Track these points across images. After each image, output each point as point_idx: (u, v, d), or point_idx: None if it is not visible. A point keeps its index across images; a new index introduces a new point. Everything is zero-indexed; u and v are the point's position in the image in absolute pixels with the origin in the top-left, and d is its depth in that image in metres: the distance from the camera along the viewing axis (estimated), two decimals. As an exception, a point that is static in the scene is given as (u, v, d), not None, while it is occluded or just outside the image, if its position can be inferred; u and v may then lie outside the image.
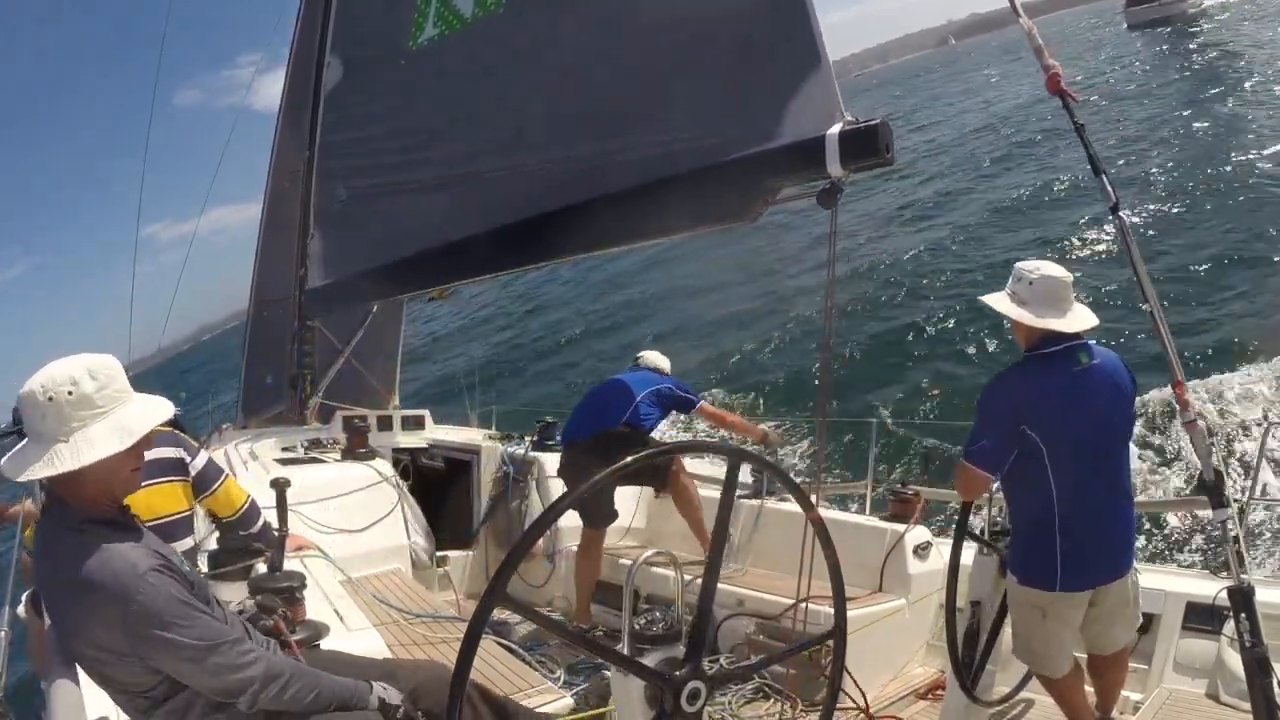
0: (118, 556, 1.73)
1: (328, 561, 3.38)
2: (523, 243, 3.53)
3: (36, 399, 1.73)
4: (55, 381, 1.74)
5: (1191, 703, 2.90)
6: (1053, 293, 2.60)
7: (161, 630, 1.69)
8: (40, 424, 1.74)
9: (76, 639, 1.77)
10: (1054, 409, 2.56)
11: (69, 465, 1.72)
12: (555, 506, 1.73)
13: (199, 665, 1.73)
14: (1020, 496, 2.72)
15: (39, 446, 1.74)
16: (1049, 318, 2.59)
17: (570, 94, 3.44)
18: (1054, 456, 2.54)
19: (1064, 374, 2.59)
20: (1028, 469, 2.58)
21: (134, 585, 1.69)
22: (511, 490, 5.22)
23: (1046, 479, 2.56)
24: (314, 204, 5.15)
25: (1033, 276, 2.62)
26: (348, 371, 6.05)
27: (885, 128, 2.38)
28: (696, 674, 1.78)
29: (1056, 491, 2.56)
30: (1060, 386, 2.58)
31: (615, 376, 4.44)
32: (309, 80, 5.35)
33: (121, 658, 1.73)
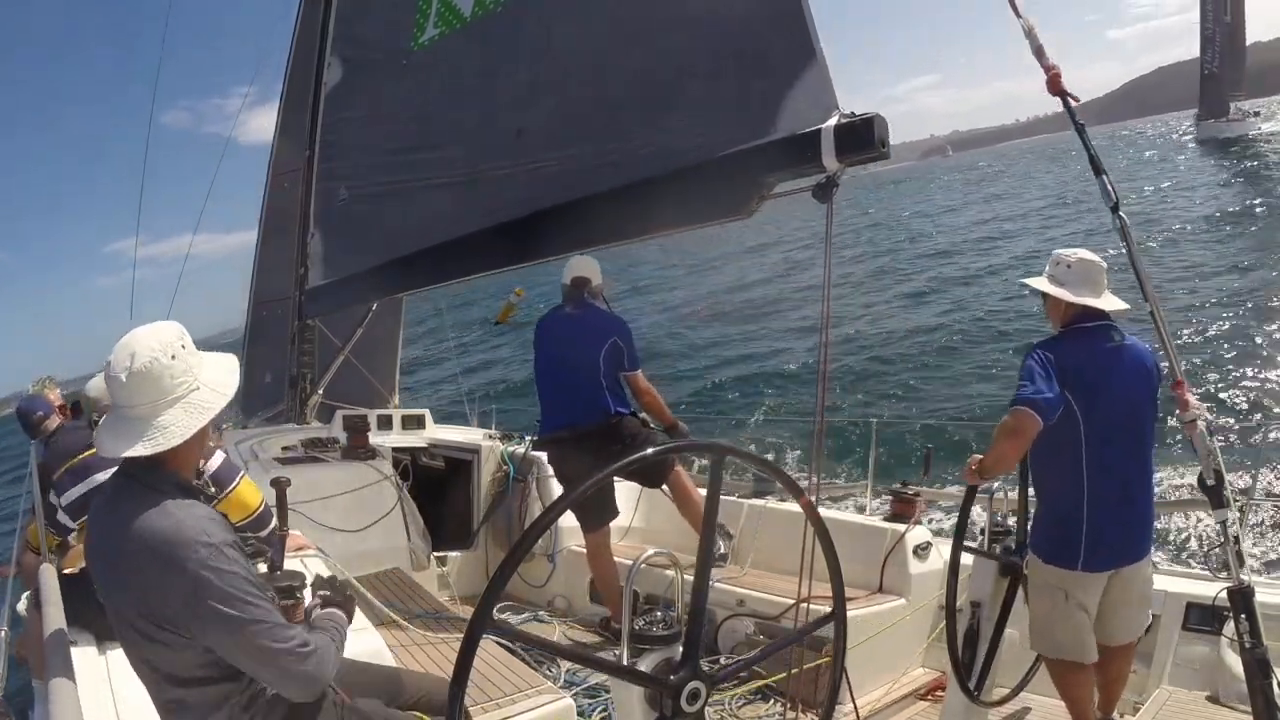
0: (195, 524, 1.68)
1: (328, 561, 3.38)
2: (521, 240, 3.53)
3: (157, 365, 1.70)
4: (158, 348, 1.72)
5: (1191, 703, 2.90)
6: (1089, 275, 2.78)
7: (224, 605, 1.62)
8: (155, 391, 1.70)
9: (131, 606, 1.69)
10: (1094, 378, 2.65)
11: (201, 419, 1.73)
12: (554, 507, 1.73)
13: (260, 645, 1.66)
14: (1050, 470, 2.78)
15: (158, 412, 1.71)
16: (1086, 296, 2.76)
17: (567, 92, 3.44)
18: (1089, 428, 2.63)
19: (1101, 347, 2.72)
20: (1061, 441, 2.64)
21: (207, 555, 1.63)
22: (511, 490, 5.22)
23: (1079, 452, 2.63)
24: (314, 203, 5.15)
25: (1071, 259, 2.81)
26: (347, 371, 6.05)
27: (880, 121, 2.37)
28: (695, 674, 1.78)
29: (1088, 467, 2.63)
30: (1100, 357, 2.69)
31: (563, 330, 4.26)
32: (308, 80, 5.36)
33: (172, 632, 1.66)
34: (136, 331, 1.75)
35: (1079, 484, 2.64)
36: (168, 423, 1.71)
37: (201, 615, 1.62)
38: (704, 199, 2.81)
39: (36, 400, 4.11)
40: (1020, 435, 2.61)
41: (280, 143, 7.06)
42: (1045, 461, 2.79)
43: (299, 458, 4.49)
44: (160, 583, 1.63)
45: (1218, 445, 2.26)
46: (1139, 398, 2.74)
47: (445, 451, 5.57)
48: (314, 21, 5.68)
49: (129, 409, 1.72)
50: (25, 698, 3.88)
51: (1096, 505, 2.64)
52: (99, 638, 2.80)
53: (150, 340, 1.72)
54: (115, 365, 1.71)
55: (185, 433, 1.71)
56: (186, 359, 1.75)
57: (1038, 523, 2.85)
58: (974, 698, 2.81)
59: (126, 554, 1.67)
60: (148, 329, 1.76)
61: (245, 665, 1.70)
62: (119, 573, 1.70)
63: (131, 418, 1.72)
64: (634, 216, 3.08)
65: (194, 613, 1.63)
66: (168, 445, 1.70)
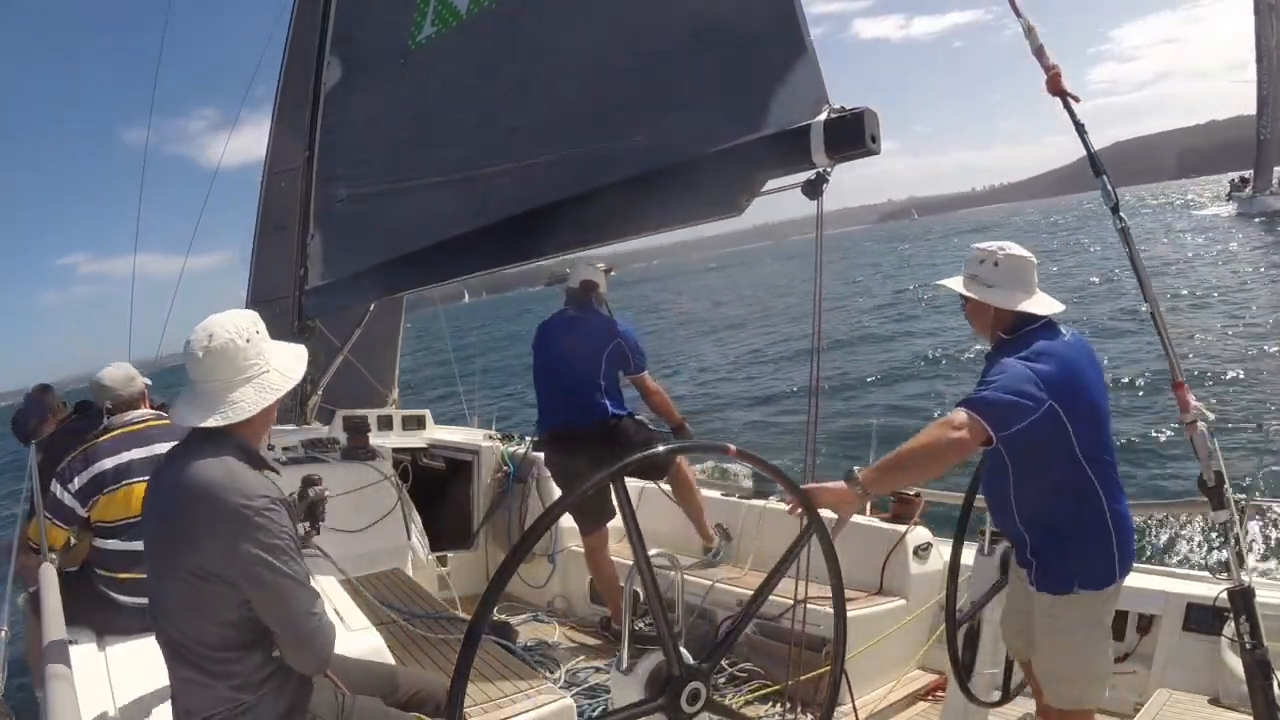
0: (255, 479, 1.82)
1: (328, 561, 3.38)
2: (517, 239, 3.53)
3: (232, 345, 1.86)
4: (234, 330, 1.89)
5: (1191, 704, 2.89)
6: (1019, 273, 2.42)
7: (272, 556, 1.73)
8: (229, 369, 1.86)
9: (179, 558, 1.76)
10: (1072, 380, 2.30)
11: (270, 398, 1.90)
12: (554, 508, 1.73)
13: (290, 602, 1.76)
14: (1048, 490, 2.36)
15: (230, 388, 1.86)
16: (1021, 299, 2.39)
17: (560, 90, 3.44)
18: (1080, 439, 2.30)
19: (1065, 345, 2.36)
20: (1062, 458, 2.29)
21: (262, 506, 1.75)
22: (511, 490, 5.22)
23: (1081, 466, 2.31)
24: (313, 203, 5.15)
25: (998, 256, 2.44)
26: (347, 371, 6.04)
27: (871, 115, 2.35)
28: (696, 674, 1.78)
29: (1091, 467, 2.32)
30: (1067, 357, 2.33)
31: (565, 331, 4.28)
32: (305, 80, 5.35)
33: (215, 585, 1.74)
34: (216, 316, 1.92)
35: (1089, 486, 2.32)
36: (238, 399, 1.86)
37: (244, 559, 1.71)
38: (694, 197, 2.80)
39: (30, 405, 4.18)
40: (961, 442, 2.11)
41: (276, 142, 7.06)
42: (1039, 483, 2.36)
43: (299, 458, 4.49)
44: (210, 527, 1.73)
45: (1218, 445, 2.25)
46: (1103, 389, 2.46)
47: (445, 452, 5.57)
48: (309, 21, 5.69)
49: (203, 384, 1.87)
50: (26, 698, 3.87)
51: (1111, 500, 2.35)
52: (99, 634, 2.80)
53: (227, 323, 1.89)
54: (194, 343, 1.86)
55: (254, 409, 1.87)
56: (259, 344, 1.92)
57: (1058, 552, 2.36)
58: (974, 698, 2.81)
59: (181, 500, 1.77)
60: (226, 315, 1.93)
61: (272, 620, 1.77)
62: (174, 523, 1.79)
63: (206, 392, 1.87)
64: (626, 215, 3.08)
65: (237, 556, 1.71)
66: (237, 419, 1.85)
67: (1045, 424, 2.19)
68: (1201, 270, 26.54)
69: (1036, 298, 2.42)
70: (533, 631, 4.46)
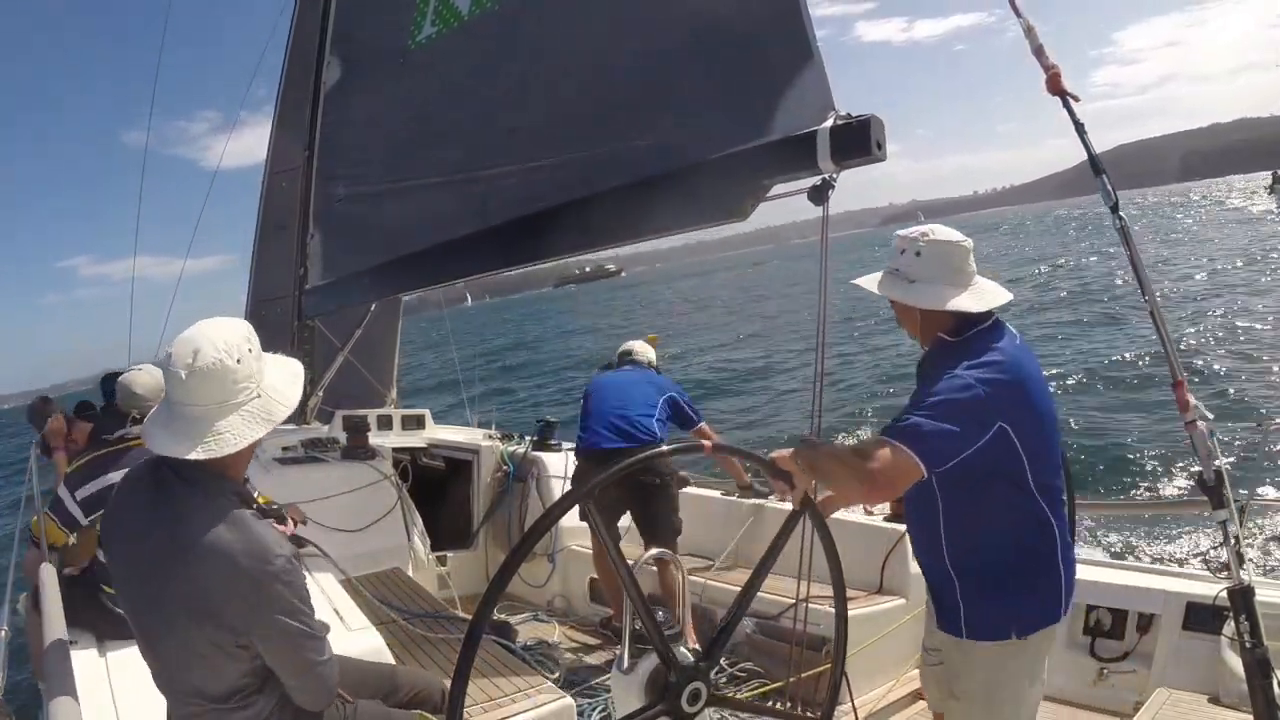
0: (269, 537, 1.65)
1: (328, 561, 3.38)
2: (518, 241, 3.53)
3: (220, 366, 1.62)
4: (224, 348, 1.63)
5: (1191, 704, 2.89)
6: (947, 261, 1.98)
7: (292, 619, 1.65)
8: (216, 393, 1.63)
9: (189, 624, 1.63)
10: (1025, 395, 1.91)
11: (260, 430, 1.66)
12: (555, 508, 1.73)
13: (306, 656, 1.70)
14: (992, 526, 1.98)
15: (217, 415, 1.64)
16: (951, 295, 1.96)
17: (563, 92, 3.44)
18: (1033, 464, 1.92)
19: (1016, 349, 1.96)
20: (1008, 487, 1.93)
21: (279, 566, 1.63)
22: (511, 490, 5.22)
23: (1031, 494, 1.94)
24: (313, 203, 5.15)
25: (921, 244, 2.00)
26: (347, 371, 6.05)
27: (878, 122, 2.35)
28: (695, 674, 1.78)
29: (1046, 507, 1.97)
30: (1024, 363, 1.96)
31: (622, 378, 4.36)
32: (305, 79, 5.35)
33: (231, 648, 1.65)
34: (203, 326, 1.67)
35: (1043, 520, 1.97)
36: (224, 429, 1.63)
37: (265, 624, 1.64)
38: (700, 201, 2.80)
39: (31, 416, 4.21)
40: (894, 477, 1.76)
41: (277, 142, 7.06)
42: (989, 513, 1.97)
43: (299, 458, 4.49)
44: (229, 595, 1.61)
45: (1218, 445, 2.25)
46: (1052, 406, 2.05)
47: (445, 452, 5.57)
48: (309, 21, 5.68)
49: (185, 406, 1.64)
50: (26, 697, 3.88)
51: (1061, 545, 2.00)
52: (99, 638, 2.79)
53: (216, 338, 1.64)
54: (176, 359, 1.62)
55: (241, 443, 1.65)
56: (251, 364, 1.68)
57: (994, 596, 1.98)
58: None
59: (191, 558, 1.61)
60: (215, 326, 1.67)
61: (284, 673, 1.72)
62: (175, 576, 1.63)
63: (187, 416, 1.64)
64: (630, 218, 3.08)
65: (258, 620, 1.63)
66: (222, 453, 1.63)
67: (991, 449, 1.81)
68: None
69: (975, 290, 1.99)
70: (533, 631, 4.46)
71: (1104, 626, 3.26)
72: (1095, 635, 3.26)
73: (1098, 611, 3.27)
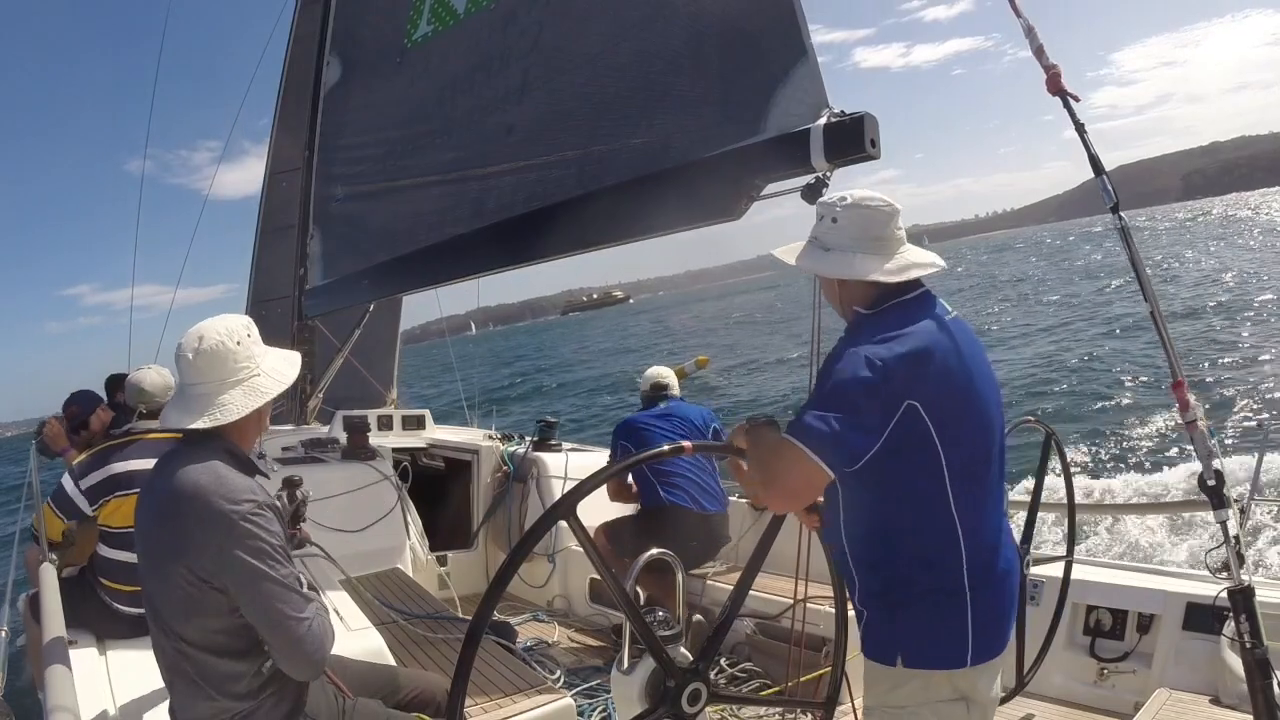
0: (243, 481, 1.81)
1: (328, 561, 3.38)
2: (515, 240, 3.54)
3: (222, 347, 1.86)
4: (225, 333, 1.88)
5: (1191, 704, 2.89)
6: (868, 228, 1.75)
7: (257, 560, 1.72)
8: (219, 371, 1.85)
9: (171, 562, 1.75)
10: (947, 378, 1.64)
11: (258, 401, 1.88)
12: (557, 508, 1.73)
13: (277, 606, 1.74)
14: (906, 526, 1.67)
15: (219, 391, 1.85)
16: (868, 266, 1.72)
17: (559, 90, 3.45)
18: (950, 454, 1.62)
19: (940, 325, 1.70)
20: (916, 477, 1.63)
21: (249, 510, 1.75)
22: (511, 490, 5.22)
23: (943, 491, 1.63)
24: (312, 203, 5.15)
25: (838, 210, 1.77)
26: (347, 371, 6.05)
27: (871, 120, 2.34)
28: (697, 675, 1.78)
29: (959, 513, 1.63)
30: (946, 340, 1.68)
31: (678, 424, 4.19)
32: (305, 80, 5.35)
33: (207, 590, 1.73)
34: (207, 320, 1.91)
35: (953, 539, 1.64)
36: (226, 401, 1.85)
37: (230, 563, 1.71)
38: (693, 200, 2.80)
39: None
40: (799, 486, 1.59)
41: (278, 142, 7.07)
42: (895, 515, 1.68)
43: (299, 458, 4.49)
44: (198, 531, 1.72)
45: (1218, 445, 2.25)
46: (994, 395, 1.77)
47: (445, 452, 5.57)
48: (308, 22, 5.69)
49: (193, 386, 1.86)
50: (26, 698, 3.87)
51: (977, 568, 1.65)
52: (99, 638, 2.79)
53: (219, 326, 1.89)
54: (184, 345, 1.86)
55: (242, 411, 1.85)
56: (250, 347, 1.91)
57: (894, 610, 1.69)
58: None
59: (170, 504, 1.77)
60: (219, 318, 1.92)
61: (260, 625, 1.76)
62: (164, 527, 1.79)
63: (195, 394, 1.86)
64: (625, 218, 3.08)
65: (224, 560, 1.71)
66: (224, 420, 1.83)
67: (899, 431, 1.58)
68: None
69: (897, 259, 1.75)
70: (533, 631, 4.46)
71: (1104, 626, 3.25)
72: (1095, 635, 3.26)
73: (1098, 611, 3.27)
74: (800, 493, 1.61)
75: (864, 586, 1.74)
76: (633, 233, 3.10)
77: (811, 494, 1.61)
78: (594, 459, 5.21)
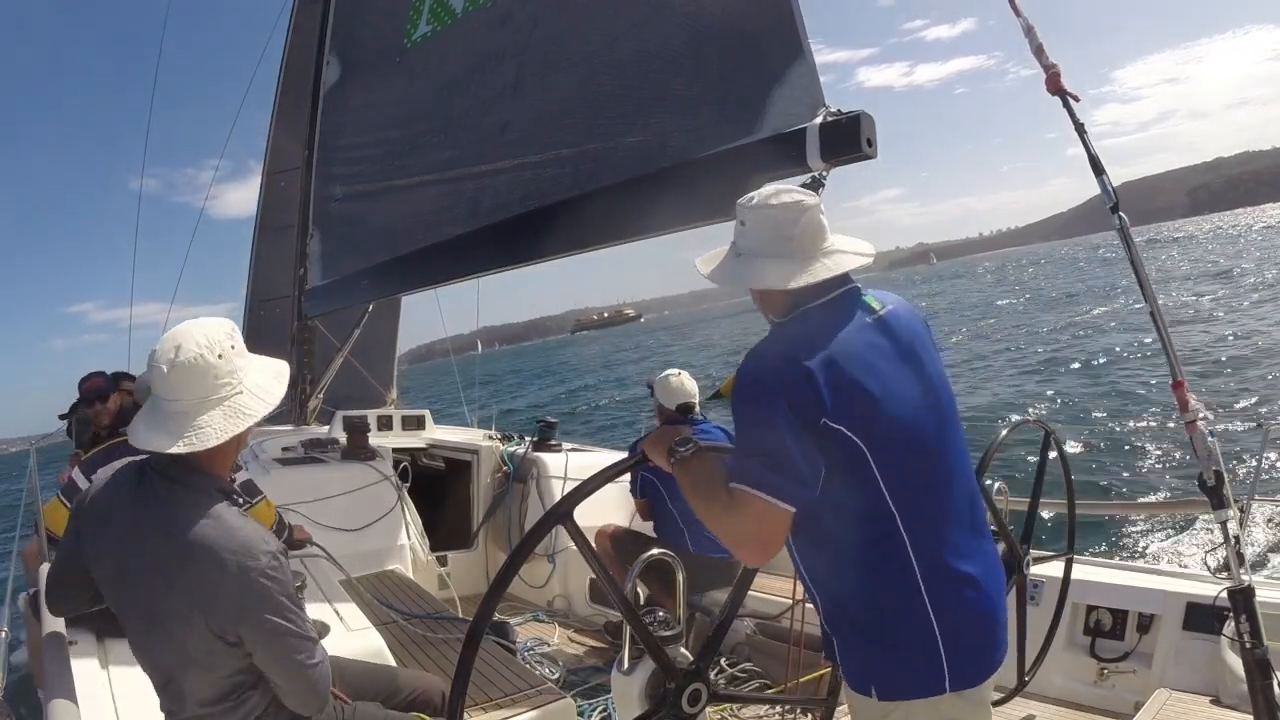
0: (252, 532, 1.66)
1: (328, 561, 3.38)
2: (514, 241, 3.53)
3: (201, 361, 1.64)
4: (205, 344, 1.66)
5: (1191, 704, 2.89)
6: (777, 228, 1.58)
7: (278, 616, 1.63)
8: (197, 388, 1.65)
9: (178, 619, 1.64)
10: (866, 384, 1.48)
11: (240, 425, 1.67)
12: (553, 512, 1.72)
13: (294, 656, 1.67)
14: (853, 550, 1.53)
15: (198, 410, 1.65)
16: (774, 273, 1.57)
17: (556, 89, 3.44)
18: (886, 468, 1.48)
19: (863, 328, 1.57)
20: (853, 497, 1.49)
21: (266, 563, 1.62)
22: (511, 490, 5.22)
23: (886, 509, 1.49)
24: (312, 203, 5.15)
25: (746, 211, 1.62)
26: (347, 371, 6.05)
27: (867, 119, 2.32)
28: (697, 676, 1.78)
29: (908, 531, 1.50)
30: (862, 346, 1.53)
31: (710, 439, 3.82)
32: (304, 79, 5.35)
33: (219, 645, 1.65)
34: (188, 324, 1.70)
35: (903, 559, 1.49)
36: (204, 424, 1.65)
37: (251, 621, 1.63)
38: (690, 200, 2.79)
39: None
40: (768, 531, 1.46)
41: (276, 141, 7.08)
42: (825, 527, 1.53)
43: (299, 458, 4.49)
44: (215, 591, 1.61)
45: (1218, 445, 2.25)
46: (940, 389, 1.62)
47: (445, 452, 5.57)
48: (307, 21, 5.69)
49: (168, 402, 1.67)
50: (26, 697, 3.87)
51: (938, 585, 1.51)
52: (99, 638, 2.80)
53: (198, 335, 1.67)
54: (159, 355, 1.65)
55: (221, 436, 1.66)
56: (233, 360, 1.70)
57: (853, 642, 1.58)
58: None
59: (175, 558, 1.62)
60: (198, 323, 1.71)
61: (273, 672, 1.71)
62: (162, 571, 1.64)
63: (170, 411, 1.66)
64: (621, 218, 3.07)
65: (244, 617, 1.63)
66: (202, 447, 1.64)
67: (826, 450, 1.45)
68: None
69: (808, 261, 1.58)
70: (533, 631, 4.46)
71: (1104, 626, 3.25)
72: (1095, 635, 3.26)
73: (1098, 611, 3.27)
74: (775, 541, 1.48)
75: (825, 611, 1.62)
76: (630, 232, 3.09)
77: (783, 538, 1.49)
78: (594, 459, 5.21)
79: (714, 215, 2.70)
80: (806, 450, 1.43)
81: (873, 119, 2.33)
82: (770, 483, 1.42)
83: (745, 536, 1.47)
